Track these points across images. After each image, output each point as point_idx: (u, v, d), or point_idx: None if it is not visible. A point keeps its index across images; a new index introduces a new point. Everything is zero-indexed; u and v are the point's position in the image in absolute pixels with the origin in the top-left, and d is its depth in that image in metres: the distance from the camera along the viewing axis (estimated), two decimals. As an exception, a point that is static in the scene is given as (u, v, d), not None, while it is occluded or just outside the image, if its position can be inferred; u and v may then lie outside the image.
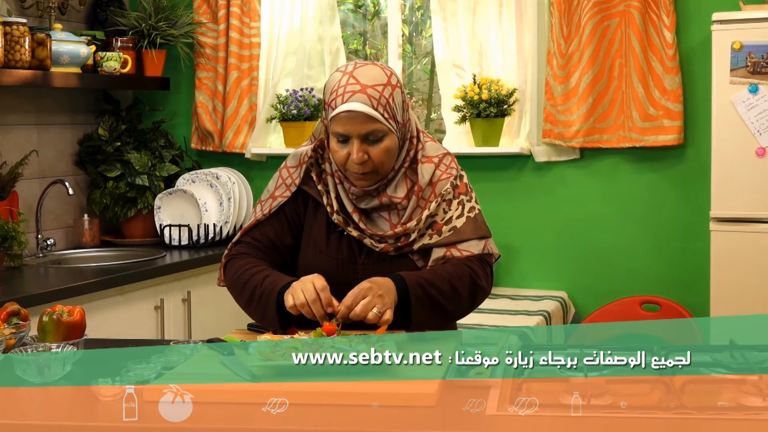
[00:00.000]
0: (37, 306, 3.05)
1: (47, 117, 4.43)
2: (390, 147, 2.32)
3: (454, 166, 2.45)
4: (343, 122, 2.28)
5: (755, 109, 3.62)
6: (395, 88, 2.32)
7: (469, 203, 2.43)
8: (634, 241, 4.28)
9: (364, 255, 2.40)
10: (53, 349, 2.14)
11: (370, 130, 2.28)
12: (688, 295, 4.15)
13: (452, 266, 2.38)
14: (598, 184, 4.32)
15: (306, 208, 2.46)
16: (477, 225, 2.43)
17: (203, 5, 4.76)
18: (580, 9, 4.17)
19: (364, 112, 2.26)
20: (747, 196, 3.66)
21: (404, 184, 2.38)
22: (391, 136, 2.31)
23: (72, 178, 4.52)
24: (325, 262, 2.40)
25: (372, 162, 2.31)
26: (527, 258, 4.44)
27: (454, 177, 2.43)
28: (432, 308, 2.35)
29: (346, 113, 2.27)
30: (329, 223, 2.42)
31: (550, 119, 4.26)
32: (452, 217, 2.40)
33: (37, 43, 3.97)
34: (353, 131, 2.28)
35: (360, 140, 2.29)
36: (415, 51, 5.00)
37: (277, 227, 2.46)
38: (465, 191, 2.44)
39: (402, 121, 2.34)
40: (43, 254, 4.21)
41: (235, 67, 4.69)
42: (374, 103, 2.27)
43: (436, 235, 2.39)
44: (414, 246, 2.39)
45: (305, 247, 2.45)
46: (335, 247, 2.41)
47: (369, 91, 2.27)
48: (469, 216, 2.41)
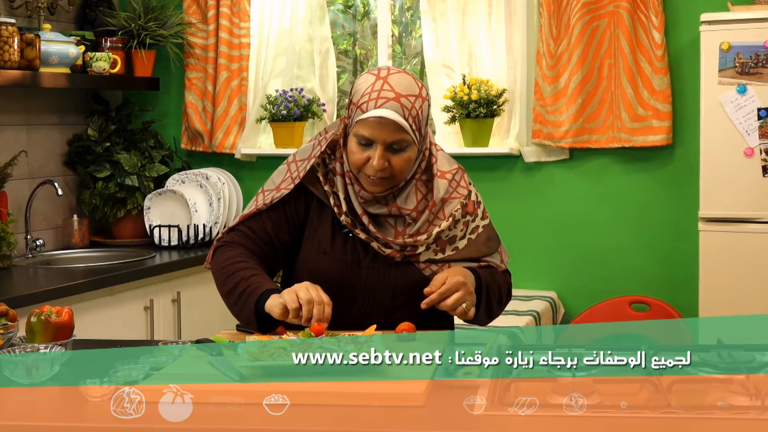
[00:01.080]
0: (26, 307, 3.04)
1: (36, 117, 4.42)
2: (411, 158, 2.31)
3: (464, 185, 2.46)
4: (371, 127, 2.26)
5: (743, 110, 3.63)
6: (425, 100, 2.31)
7: (473, 223, 2.45)
8: (623, 242, 4.29)
9: (369, 259, 2.39)
10: (41, 349, 2.14)
11: (396, 139, 2.27)
12: (677, 295, 4.16)
13: (497, 274, 2.47)
14: (588, 184, 4.33)
15: (309, 208, 2.43)
16: (478, 245, 2.44)
17: (193, 5, 4.76)
18: (569, 9, 4.18)
19: (395, 121, 2.24)
20: (735, 196, 3.67)
21: (414, 196, 2.37)
22: (414, 147, 2.31)
23: (61, 178, 4.51)
24: (329, 263, 2.38)
25: (391, 169, 2.29)
26: (516, 258, 4.41)
27: (464, 197, 2.44)
28: (487, 311, 2.42)
29: (377, 119, 2.25)
30: (334, 225, 2.40)
31: (540, 119, 4.26)
32: (456, 237, 2.42)
33: (26, 43, 3.97)
34: (380, 138, 2.26)
35: (384, 148, 2.27)
36: (405, 51, 5.01)
37: (275, 221, 2.42)
38: (472, 210, 2.45)
39: (424, 134, 2.35)
40: (33, 255, 4.20)
41: (224, 68, 4.68)
42: (405, 113, 2.25)
43: (440, 252, 2.40)
44: (421, 258, 2.39)
45: (308, 247, 2.43)
46: (340, 248, 2.39)
47: (402, 100, 2.25)
48: (471, 237, 2.44)
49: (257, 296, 2.28)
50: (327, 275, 2.35)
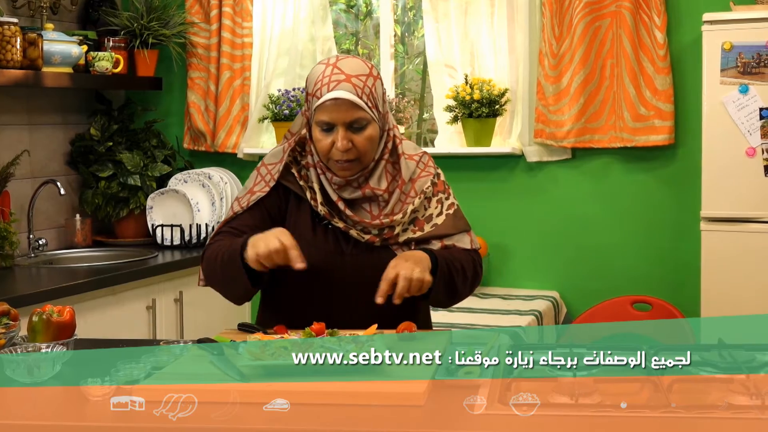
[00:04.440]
0: (28, 306, 3.04)
1: (39, 117, 4.43)
2: (372, 135, 2.37)
3: (432, 165, 2.54)
4: (329, 110, 2.33)
5: (745, 110, 3.63)
6: (376, 79, 2.38)
7: (447, 201, 2.53)
8: (625, 241, 4.29)
9: (351, 246, 2.44)
10: (43, 349, 2.14)
11: (354, 118, 2.33)
12: (679, 295, 4.16)
13: (460, 252, 2.49)
14: (590, 184, 4.33)
15: (287, 202, 2.48)
16: (456, 221, 2.52)
17: (195, 5, 4.76)
18: (572, 9, 4.18)
19: (349, 100, 2.31)
20: (737, 195, 3.67)
21: (385, 177, 2.44)
22: (374, 124, 2.37)
23: (64, 178, 4.51)
24: (312, 254, 2.39)
25: (356, 150, 2.35)
26: (519, 258, 4.45)
27: (433, 176, 2.51)
28: (448, 285, 2.43)
29: (333, 101, 2.32)
30: (314, 217, 2.45)
31: (542, 119, 4.26)
32: (432, 215, 2.48)
33: (29, 42, 3.97)
34: (339, 119, 2.33)
35: (345, 128, 2.33)
36: (407, 51, 5.01)
37: (258, 217, 2.45)
38: (443, 189, 2.53)
39: (382, 111, 2.41)
40: (35, 254, 4.20)
41: (227, 67, 4.69)
42: (359, 91, 2.32)
43: (419, 231, 2.46)
44: (399, 239, 2.44)
45: None
46: (322, 239, 2.44)
47: (353, 80, 2.33)
48: (448, 213, 2.51)
49: (239, 252, 2.30)
50: (311, 265, 2.37)
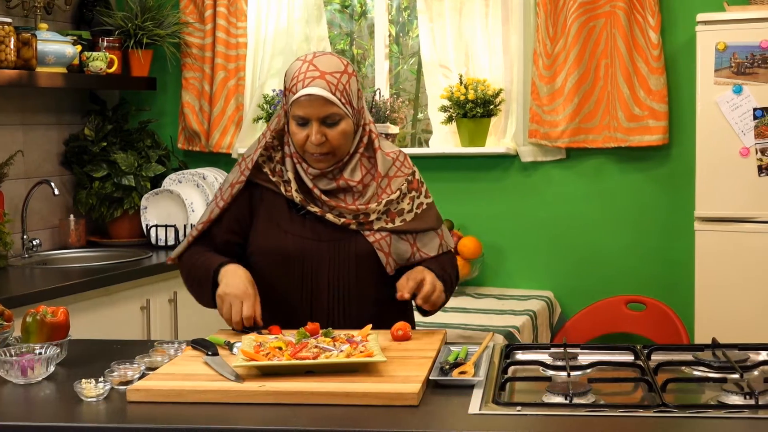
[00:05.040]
0: (22, 307, 3.04)
1: (33, 117, 4.42)
2: (346, 130, 2.45)
3: (408, 164, 2.62)
4: (303, 106, 2.41)
5: (739, 110, 3.63)
6: (351, 75, 2.47)
7: (418, 199, 2.60)
8: (619, 241, 4.29)
9: (329, 232, 2.50)
10: (37, 349, 2.14)
11: (327, 114, 2.41)
12: (673, 295, 4.17)
13: (448, 265, 2.59)
14: (584, 184, 4.34)
15: (262, 199, 2.54)
16: (425, 219, 2.58)
17: (190, 5, 4.75)
18: (566, 9, 4.19)
19: (323, 96, 2.40)
20: (731, 195, 3.67)
21: (359, 169, 2.51)
22: (347, 120, 2.45)
23: (58, 178, 4.51)
24: (290, 241, 2.49)
25: (329, 144, 2.43)
26: (513, 258, 4.45)
27: (409, 174, 2.59)
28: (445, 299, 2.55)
29: (307, 97, 2.40)
30: (290, 207, 2.52)
31: (536, 119, 4.27)
32: (404, 210, 2.55)
33: (23, 42, 3.96)
34: (312, 114, 2.41)
35: (318, 123, 2.42)
36: (402, 51, 5.01)
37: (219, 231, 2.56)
38: (417, 187, 2.61)
39: (357, 107, 2.49)
40: (29, 255, 4.20)
41: (221, 67, 4.68)
42: (332, 88, 2.41)
43: (390, 222, 2.53)
44: (374, 226, 2.51)
45: (265, 229, 2.52)
46: (299, 227, 2.51)
47: (328, 77, 2.41)
48: (417, 212, 2.57)
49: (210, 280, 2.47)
50: (291, 252, 2.48)
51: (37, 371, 2.10)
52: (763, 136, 3.61)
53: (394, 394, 1.89)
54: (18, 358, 2.09)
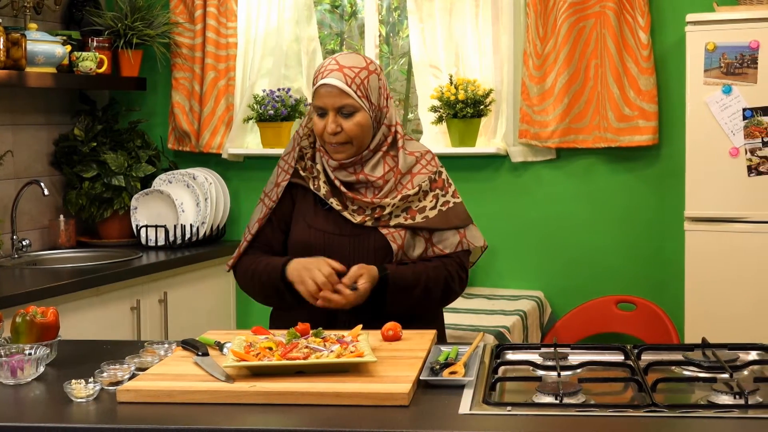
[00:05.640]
0: (12, 307, 3.03)
1: (22, 117, 4.41)
2: (361, 122, 2.55)
3: (434, 163, 2.69)
4: (321, 96, 2.54)
5: (729, 110, 3.65)
6: (372, 73, 2.58)
7: (444, 197, 2.66)
8: (609, 241, 4.30)
9: (350, 228, 2.60)
10: (26, 350, 2.14)
11: (343, 104, 2.53)
12: (662, 294, 4.18)
13: (433, 269, 2.61)
14: (574, 184, 4.34)
15: (294, 198, 2.67)
16: (449, 218, 2.65)
17: (180, 5, 4.75)
18: (556, 10, 4.19)
19: (338, 87, 2.52)
20: (721, 195, 3.68)
21: (382, 167, 2.61)
22: (363, 113, 2.55)
23: (47, 178, 4.49)
24: (314, 235, 2.61)
25: (345, 134, 2.54)
26: (504, 258, 4.45)
27: (433, 173, 2.66)
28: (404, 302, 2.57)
29: (323, 87, 2.54)
30: (316, 202, 2.63)
31: (527, 119, 4.27)
32: (426, 207, 2.63)
33: (12, 42, 3.95)
34: (328, 104, 2.53)
35: (335, 113, 2.54)
36: (392, 51, 5.01)
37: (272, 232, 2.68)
38: (442, 186, 2.67)
39: (377, 104, 2.58)
40: (19, 255, 4.18)
41: (211, 68, 4.68)
42: (348, 80, 2.53)
43: (411, 219, 2.60)
44: (390, 222, 2.59)
45: (295, 224, 2.66)
46: (323, 222, 2.62)
47: (346, 70, 2.54)
48: (441, 209, 2.64)
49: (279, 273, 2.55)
50: (315, 246, 2.60)
51: (27, 372, 2.09)
52: (753, 136, 3.62)
53: (384, 394, 1.89)
54: (7, 358, 2.09)
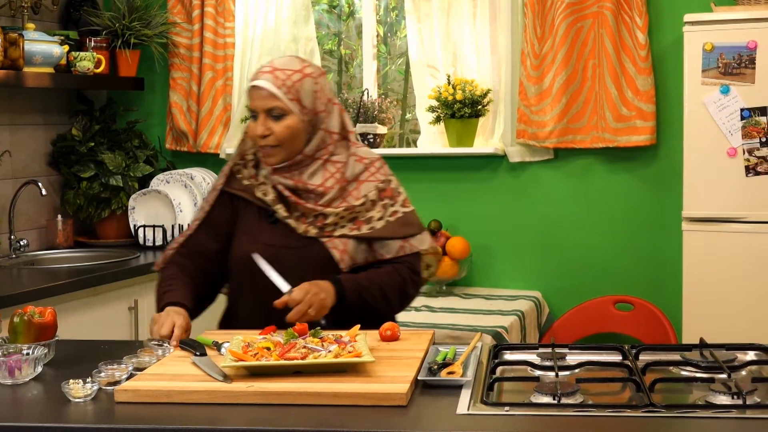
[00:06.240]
0: (9, 307, 3.03)
1: (20, 117, 4.40)
2: (291, 126, 2.51)
3: (383, 172, 2.65)
4: (251, 98, 2.54)
5: (726, 110, 3.65)
6: (307, 76, 2.54)
7: (392, 207, 2.62)
8: (607, 241, 4.30)
9: (294, 239, 2.55)
10: (24, 350, 2.13)
11: (271, 106, 2.51)
12: (660, 295, 4.18)
13: (386, 274, 2.59)
14: (572, 184, 4.34)
15: (237, 210, 2.64)
16: (396, 228, 2.60)
17: (177, 5, 4.74)
18: (554, 10, 4.19)
19: (266, 89, 2.50)
20: (719, 196, 3.68)
21: (322, 174, 2.57)
22: (294, 116, 2.52)
23: (45, 178, 4.49)
24: (259, 250, 2.54)
25: (274, 137, 2.52)
26: (501, 258, 4.45)
27: (381, 182, 2.63)
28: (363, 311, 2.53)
29: (253, 89, 2.53)
30: (260, 216, 2.59)
31: (524, 120, 4.27)
32: (373, 218, 2.59)
33: (10, 42, 3.95)
34: (258, 106, 2.52)
35: (264, 115, 2.52)
36: (390, 51, 5.01)
37: (208, 234, 2.64)
38: (391, 195, 2.63)
39: (311, 108, 2.54)
40: (16, 255, 4.18)
41: (209, 68, 4.67)
42: (278, 83, 2.51)
43: (356, 230, 2.56)
44: (335, 233, 2.54)
45: (239, 238, 2.61)
46: (268, 235, 2.57)
47: (277, 72, 2.52)
48: (389, 220, 2.60)
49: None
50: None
51: (25, 372, 2.09)
52: (751, 136, 3.63)
53: (382, 394, 1.89)
54: (5, 358, 2.08)
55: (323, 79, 2.58)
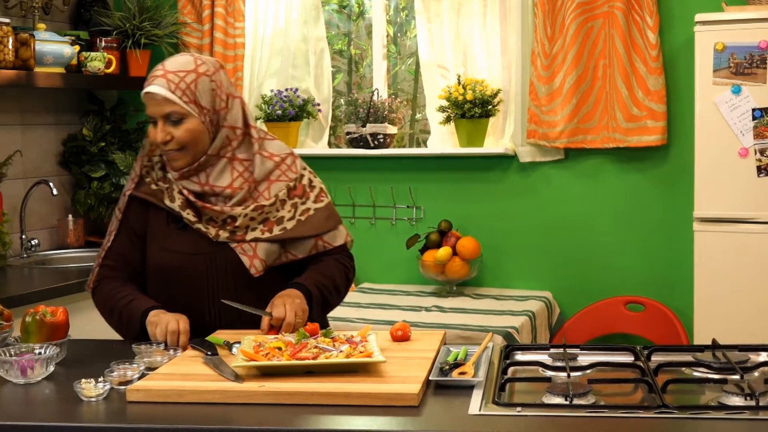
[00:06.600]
0: (21, 307, 3.03)
1: (31, 117, 4.42)
2: (191, 128, 2.44)
3: (295, 168, 2.59)
4: (148, 105, 2.45)
5: (738, 110, 3.64)
6: (201, 75, 2.46)
7: (303, 205, 2.57)
8: (618, 242, 4.29)
9: (205, 245, 2.49)
10: (36, 349, 2.14)
11: (168, 111, 2.43)
12: (671, 295, 4.17)
13: (334, 268, 2.59)
14: (583, 184, 4.33)
15: (147, 215, 2.56)
16: (307, 228, 2.55)
17: (188, 5, 4.75)
18: (564, 9, 4.18)
19: (161, 94, 2.42)
20: (730, 196, 3.67)
21: (229, 174, 2.49)
22: (192, 118, 2.44)
23: (56, 178, 4.50)
24: (169, 257, 2.51)
25: (176, 141, 2.44)
26: (512, 258, 4.45)
27: (292, 180, 2.56)
28: (324, 307, 2.57)
29: (147, 95, 2.44)
30: (168, 222, 2.53)
31: (535, 120, 4.26)
32: (284, 218, 2.53)
33: (21, 43, 3.96)
34: (155, 112, 2.44)
35: (163, 121, 2.43)
36: (400, 51, 5.01)
37: (127, 243, 2.57)
38: (302, 193, 2.58)
39: (210, 107, 2.46)
40: (28, 255, 4.19)
41: (219, 68, 4.67)
42: (172, 86, 2.42)
43: (268, 232, 2.50)
44: (246, 237, 2.49)
45: (150, 246, 2.55)
46: (176, 242, 2.51)
47: (169, 75, 2.43)
48: (300, 219, 2.55)
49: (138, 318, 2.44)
50: (170, 269, 2.50)
51: (37, 371, 2.09)
52: (762, 136, 3.61)
53: (393, 394, 1.89)
54: (18, 357, 2.09)
55: (220, 75, 2.50)
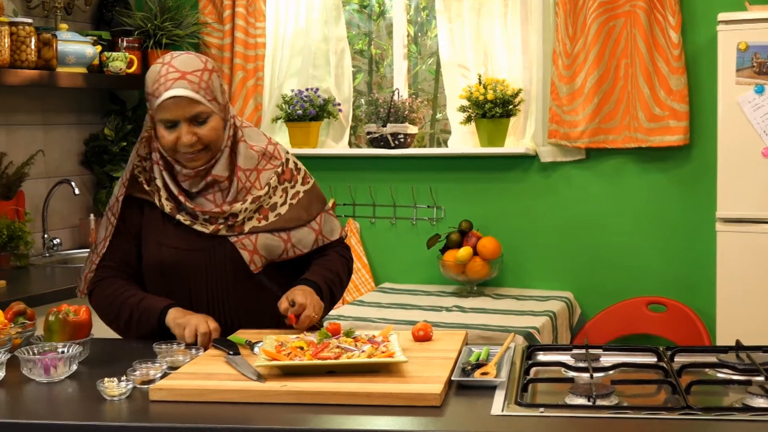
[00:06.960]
0: (43, 306, 3.05)
1: (53, 117, 4.44)
2: (216, 126, 2.44)
3: (278, 155, 2.60)
4: (170, 108, 2.40)
5: (761, 110, 3.61)
6: (212, 72, 2.46)
7: (293, 189, 2.59)
8: (639, 242, 4.27)
9: (203, 241, 2.49)
10: (59, 348, 2.15)
11: (195, 113, 2.41)
12: (694, 296, 4.15)
13: (337, 261, 2.62)
14: (604, 184, 4.32)
15: (143, 212, 2.55)
16: (300, 211, 2.57)
17: (209, 5, 4.76)
18: (586, 9, 4.17)
19: (187, 96, 2.39)
20: (753, 196, 3.65)
21: (226, 164, 2.49)
22: (215, 116, 2.44)
23: (78, 177, 4.52)
24: (167, 253, 2.50)
25: (201, 142, 2.42)
26: (533, 258, 4.44)
27: (278, 166, 2.57)
28: (332, 302, 2.60)
29: (172, 99, 2.39)
30: (164, 218, 2.51)
31: (556, 119, 4.25)
32: (276, 204, 2.54)
33: (43, 43, 3.98)
34: (180, 115, 2.40)
35: (188, 123, 2.41)
36: (421, 51, 5.00)
37: (124, 242, 2.55)
38: (290, 177, 2.60)
39: (223, 102, 2.48)
40: (50, 254, 4.21)
41: (240, 68, 4.69)
42: (195, 87, 2.40)
43: (264, 220, 2.52)
44: (245, 228, 2.49)
45: (146, 243, 2.54)
46: (174, 238, 2.50)
47: (189, 76, 2.41)
48: (292, 203, 2.57)
49: (157, 316, 2.43)
50: (167, 264, 2.49)
51: (60, 370, 2.10)
52: (786, 136, 3.59)
53: (415, 394, 1.88)
54: (41, 356, 2.10)
55: (216, 70, 2.51)
